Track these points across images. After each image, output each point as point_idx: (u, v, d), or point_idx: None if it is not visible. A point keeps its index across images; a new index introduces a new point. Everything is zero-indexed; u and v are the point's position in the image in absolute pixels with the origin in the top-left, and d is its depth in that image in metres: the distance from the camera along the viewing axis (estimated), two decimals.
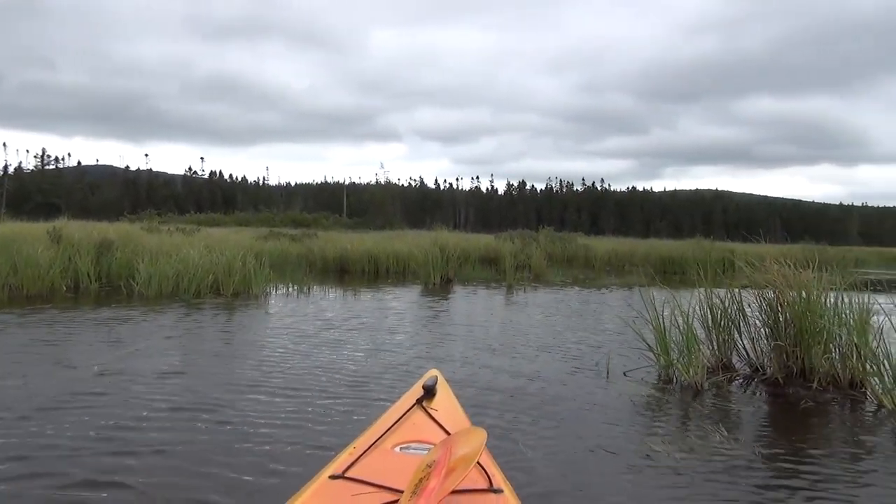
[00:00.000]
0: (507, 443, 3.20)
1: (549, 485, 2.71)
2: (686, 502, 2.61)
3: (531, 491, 2.59)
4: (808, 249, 27.13)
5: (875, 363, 4.25)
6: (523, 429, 3.46)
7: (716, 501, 2.64)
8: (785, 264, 4.70)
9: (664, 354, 4.70)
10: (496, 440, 3.22)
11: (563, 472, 2.86)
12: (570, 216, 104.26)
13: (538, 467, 2.90)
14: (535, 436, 3.35)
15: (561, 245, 22.15)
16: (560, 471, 2.88)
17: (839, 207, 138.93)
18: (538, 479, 2.77)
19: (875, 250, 44.82)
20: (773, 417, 4.05)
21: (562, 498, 2.60)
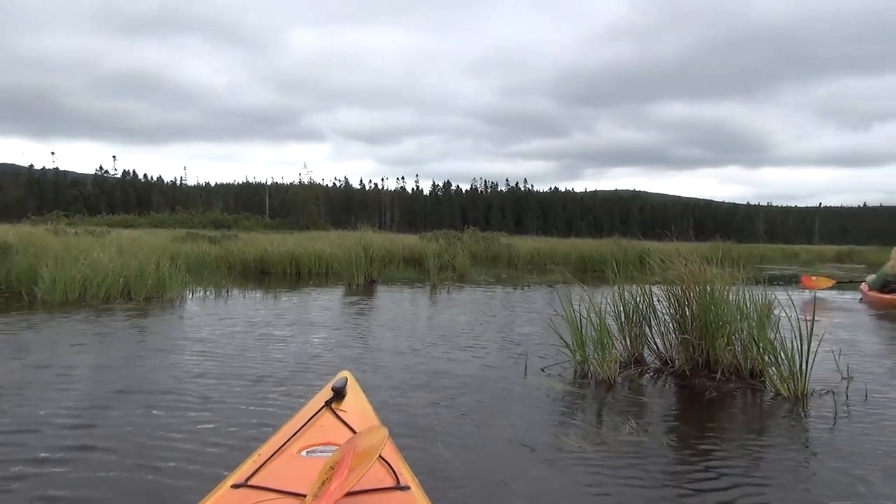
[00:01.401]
0: (423, 440, 3.21)
1: (462, 480, 2.73)
2: (597, 491, 2.69)
3: (444, 487, 2.61)
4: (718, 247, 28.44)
5: (773, 354, 4.49)
6: (439, 426, 3.47)
7: (625, 489, 2.73)
8: (691, 261, 4.90)
9: (580, 350, 4.82)
10: (411, 438, 3.23)
11: (477, 468, 2.89)
12: (495, 216, 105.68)
13: (453, 463, 2.92)
14: (452, 433, 3.37)
15: (485, 245, 22.40)
16: (474, 466, 2.90)
17: (746, 207, 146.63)
18: (452, 475, 2.78)
19: (778, 247, 47.52)
20: (681, 408, 4.22)
21: (474, 492, 2.62)
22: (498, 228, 55.15)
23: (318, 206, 68.74)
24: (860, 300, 11.56)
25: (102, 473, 2.72)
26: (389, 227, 76.86)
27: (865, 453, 3.25)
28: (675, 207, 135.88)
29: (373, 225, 42.15)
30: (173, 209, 68.04)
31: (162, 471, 2.74)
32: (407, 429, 3.40)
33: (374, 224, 50.65)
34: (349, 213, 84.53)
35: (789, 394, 4.29)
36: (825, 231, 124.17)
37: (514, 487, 2.70)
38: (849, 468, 3.04)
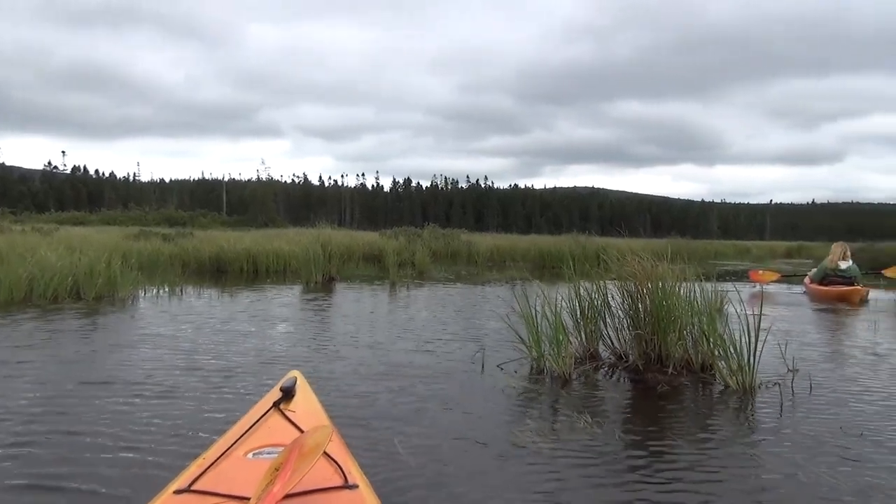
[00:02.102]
0: (376, 438, 3.20)
1: (414, 477, 2.73)
2: (550, 486, 2.71)
3: (395, 484, 2.61)
4: (674, 243, 29.04)
5: (722, 348, 4.59)
6: (394, 424, 3.46)
7: (578, 482, 2.76)
8: (643, 257, 4.98)
9: (536, 347, 4.86)
10: (364, 436, 3.22)
11: (430, 465, 2.89)
12: (456, 213, 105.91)
13: (406, 460, 2.91)
14: (406, 430, 3.36)
15: (445, 242, 22.43)
16: (428, 464, 2.90)
17: (701, 204, 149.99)
18: (405, 472, 2.78)
19: (731, 243, 48.69)
20: (634, 402, 4.29)
21: (427, 490, 2.62)
22: (458, 225, 55.34)
23: (276, 204, 67.87)
24: (804, 293, 12.06)
25: (43, 473, 2.64)
26: (349, 224, 76.35)
27: (809, 442, 3.35)
28: (633, 204, 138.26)
29: (332, 222, 41.76)
30: (126, 206, 66.25)
31: (101, 477, 2.66)
32: (360, 427, 3.39)
33: (333, 221, 50.19)
34: (308, 211, 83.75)
35: (738, 386, 4.40)
36: (776, 227, 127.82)
37: (467, 483, 2.71)
38: (793, 457, 3.13)
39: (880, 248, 26.65)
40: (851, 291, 10.72)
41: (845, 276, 11.29)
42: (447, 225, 45.74)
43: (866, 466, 3.03)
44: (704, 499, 2.65)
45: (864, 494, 2.70)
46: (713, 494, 2.69)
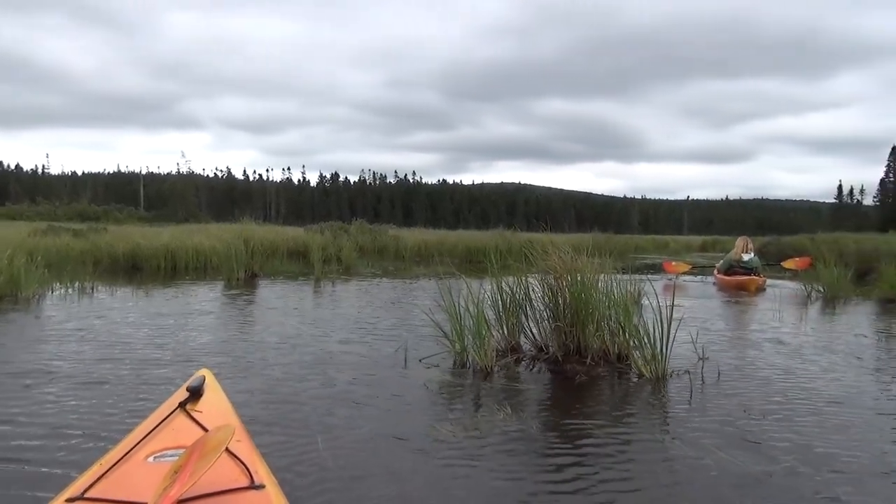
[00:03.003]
0: (293, 436, 3.15)
1: (330, 475, 2.69)
2: (467, 479, 2.73)
3: (309, 483, 2.57)
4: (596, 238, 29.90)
5: (637, 338, 4.75)
6: (311, 421, 3.41)
7: (496, 474, 2.79)
8: (563, 252, 5.08)
9: (458, 340, 4.88)
10: (280, 434, 3.16)
11: (348, 462, 2.85)
12: (384, 208, 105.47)
13: (322, 458, 2.87)
14: (323, 427, 3.31)
15: (372, 237, 22.29)
16: (346, 461, 2.87)
17: (622, 200, 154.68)
18: (323, 470, 2.74)
19: (651, 238, 50.51)
20: (553, 393, 4.38)
21: (341, 487, 2.59)
22: (387, 220, 55.04)
23: (197, 198, 65.67)
24: (714, 283, 12.87)
25: None
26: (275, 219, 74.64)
27: (716, 426, 3.50)
28: (558, 200, 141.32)
29: (257, 218, 40.73)
30: (34, 200, 62.57)
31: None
32: (278, 425, 3.32)
33: (259, 217, 48.99)
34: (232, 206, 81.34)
35: (651, 375, 4.55)
36: (693, 223, 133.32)
37: (384, 480, 2.69)
38: (701, 441, 3.26)
39: (786, 241, 28.24)
40: (748, 281, 11.76)
41: (747, 266, 12.37)
42: (375, 220, 45.44)
43: (767, 447, 3.19)
44: (619, 485, 2.72)
45: (766, 473, 2.84)
46: (628, 480, 2.78)
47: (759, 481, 2.76)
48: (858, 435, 3.42)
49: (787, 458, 3.05)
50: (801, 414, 3.80)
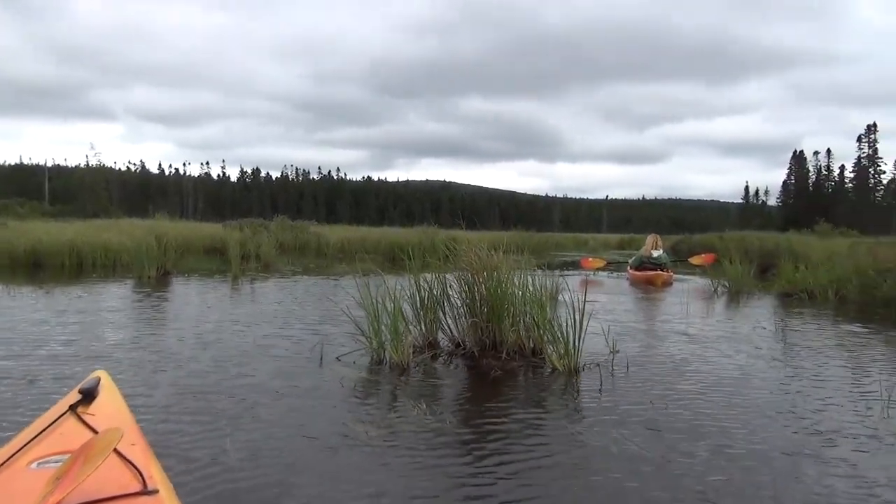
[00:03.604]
0: (199, 439, 3.06)
1: (238, 478, 2.62)
2: (378, 475, 2.71)
3: (215, 486, 2.50)
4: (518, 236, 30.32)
5: (551, 333, 4.86)
6: (220, 423, 3.31)
7: (408, 469, 2.79)
8: (480, 248, 5.14)
9: (375, 337, 4.86)
10: (191, 438, 3.05)
11: (256, 464, 2.79)
12: (307, 204, 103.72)
13: (228, 461, 2.79)
14: (236, 430, 3.22)
15: (293, 233, 21.87)
16: (254, 463, 2.80)
17: (545, 199, 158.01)
18: (228, 473, 2.67)
19: (572, 236, 51.81)
20: (468, 388, 4.42)
21: (247, 489, 2.53)
22: (310, 217, 54.06)
23: (108, 192, 62.47)
24: (627, 278, 13.47)
25: None
26: (193, 215, 72.13)
27: (623, 417, 3.63)
28: (483, 198, 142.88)
29: (174, 213, 39.16)
30: None
31: None
32: (181, 427, 3.21)
33: (175, 212, 47.25)
34: (146, 201, 77.98)
35: (564, 368, 4.67)
36: (612, 221, 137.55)
37: (291, 480, 2.65)
38: (609, 431, 3.37)
39: (697, 239, 29.68)
40: (655, 275, 12.61)
41: (656, 262, 13.30)
42: (298, 217, 44.57)
43: (669, 433, 3.33)
44: (531, 475, 2.78)
45: (666, 460, 2.96)
46: (539, 470, 2.83)
47: (658, 466, 2.88)
48: (753, 420, 3.62)
49: (686, 443, 3.20)
50: (701, 401, 3.98)
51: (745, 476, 2.80)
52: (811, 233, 27.18)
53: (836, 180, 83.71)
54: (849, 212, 64.78)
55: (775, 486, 2.70)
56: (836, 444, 3.28)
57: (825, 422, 3.64)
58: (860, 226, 40.91)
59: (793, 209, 77.76)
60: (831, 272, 10.72)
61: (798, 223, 42.12)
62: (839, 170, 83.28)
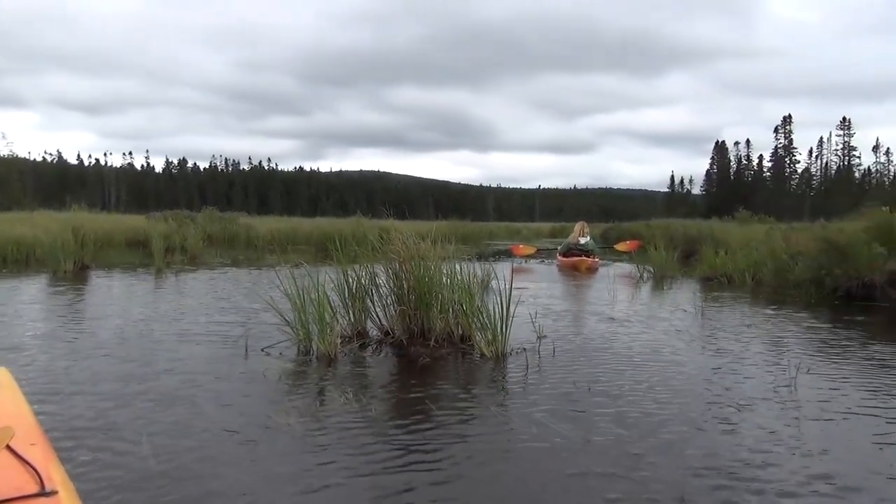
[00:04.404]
0: (117, 438, 2.94)
1: (149, 474, 2.53)
2: (299, 466, 2.67)
3: (128, 483, 2.41)
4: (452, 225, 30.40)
5: (479, 319, 4.89)
6: (140, 421, 3.20)
7: (329, 458, 2.75)
8: (407, 238, 5.12)
9: (302, 328, 4.78)
10: (104, 436, 2.93)
11: (172, 460, 2.70)
12: (237, 195, 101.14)
13: (144, 459, 2.69)
14: (154, 426, 3.12)
15: (222, 225, 21.27)
16: (167, 459, 2.71)
17: (478, 188, 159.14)
18: (140, 469, 2.57)
19: (505, 225, 52.47)
20: (396, 375, 4.41)
21: (160, 486, 2.44)
22: (241, 209, 52.76)
23: (22, 184, 59.33)
24: (557, 265, 13.83)
25: None
26: (115, 207, 69.20)
27: (547, 400, 3.70)
28: (417, 188, 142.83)
29: (94, 205, 37.43)
30: None
31: None
32: (93, 426, 3.08)
33: (96, 204, 45.20)
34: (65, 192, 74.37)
35: (492, 354, 4.72)
36: (544, 210, 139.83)
37: (207, 474, 2.58)
38: (533, 414, 3.43)
39: (625, 227, 30.56)
40: (579, 261, 13.12)
41: (584, 249, 13.81)
42: (228, 208, 43.41)
43: (591, 415, 3.41)
44: (455, 460, 2.79)
45: (586, 441, 3.03)
46: (464, 455, 2.85)
47: (578, 449, 2.94)
48: (672, 397, 3.75)
49: (607, 421, 3.29)
50: (623, 381, 4.10)
51: (663, 449, 2.90)
52: (732, 220, 28.31)
53: (755, 170, 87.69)
54: (766, 199, 67.95)
55: (691, 457, 2.80)
56: (748, 416, 3.44)
57: (739, 397, 3.81)
58: (777, 213, 42.90)
59: (715, 197, 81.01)
60: (748, 257, 11.20)
61: (720, 211, 43.82)
62: (758, 159, 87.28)
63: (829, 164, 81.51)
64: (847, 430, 3.27)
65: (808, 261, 9.19)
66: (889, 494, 2.50)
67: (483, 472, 2.69)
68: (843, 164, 79.73)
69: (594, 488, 2.52)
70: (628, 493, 2.47)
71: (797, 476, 2.64)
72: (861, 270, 8.29)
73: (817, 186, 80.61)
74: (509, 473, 2.69)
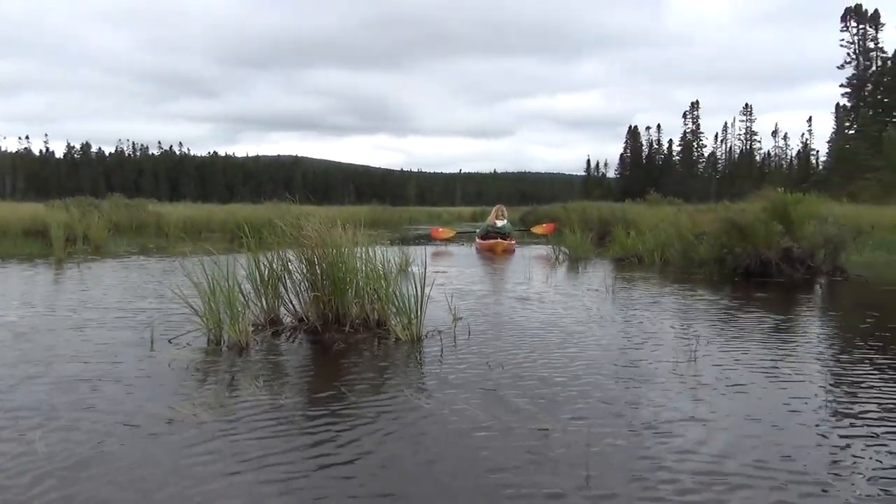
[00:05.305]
0: (7, 437, 2.76)
1: (42, 473, 2.40)
2: (205, 459, 2.58)
3: (18, 484, 2.26)
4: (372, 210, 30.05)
5: (394, 303, 4.88)
6: (35, 417, 3.03)
7: (238, 449, 2.67)
8: (319, 223, 5.03)
9: (212, 317, 4.62)
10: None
11: (65, 457, 2.56)
12: (147, 182, 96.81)
13: (40, 458, 2.55)
14: (50, 422, 2.96)
15: (129, 213, 20.31)
16: (64, 457, 2.57)
17: (399, 173, 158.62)
18: (33, 468, 2.43)
19: (426, 210, 52.58)
20: (310, 362, 4.35)
21: (53, 487, 2.31)
22: (151, 196, 50.54)
23: None
24: (476, 248, 14.09)
25: None
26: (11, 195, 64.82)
27: (461, 380, 3.74)
28: (337, 173, 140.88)
29: None
30: None
31: None
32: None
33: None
34: None
35: (407, 338, 4.72)
36: (465, 194, 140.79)
37: (104, 470, 2.46)
38: (448, 394, 3.46)
39: (543, 210, 31.21)
40: (495, 244, 13.50)
41: (501, 232, 14.20)
42: (137, 195, 41.50)
43: (502, 395, 3.46)
44: (369, 445, 2.77)
45: (497, 418, 3.08)
46: (378, 439, 2.83)
47: (490, 428, 2.98)
48: (581, 374, 3.86)
49: (519, 399, 3.35)
50: (536, 360, 4.20)
51: (570, 425, 2.98)
52: (643, 202, 29.37)
53: (666, 154, 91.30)
54: (676, 182, 71.02)
55: (597, 434, 2.88)
56: (651, 389, 3.59)
57: (644, 372, 3.97)
58: (685, 195, 44.84)
59: (629, 180, 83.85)
60: (657, 237, 11.66)
61: (633, 194, 45.33)
62: (668, 144, 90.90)
63: (734, 149, 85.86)
64: (742, 396, 3.46)
65: (712, 240, 9.65)
66: (766, 456, 2.66)
67: (395, 457, 2.68)
68: (745, 149, 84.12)
69: (504, 467, 2.56)
70: (536, 470, 2.53)
71: (696, 444, 2.77)
72: (759, 248, 8.78)
73: (722, 170, 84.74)
74: (421, 456, 2.69)
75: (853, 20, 59.39)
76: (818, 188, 25.75)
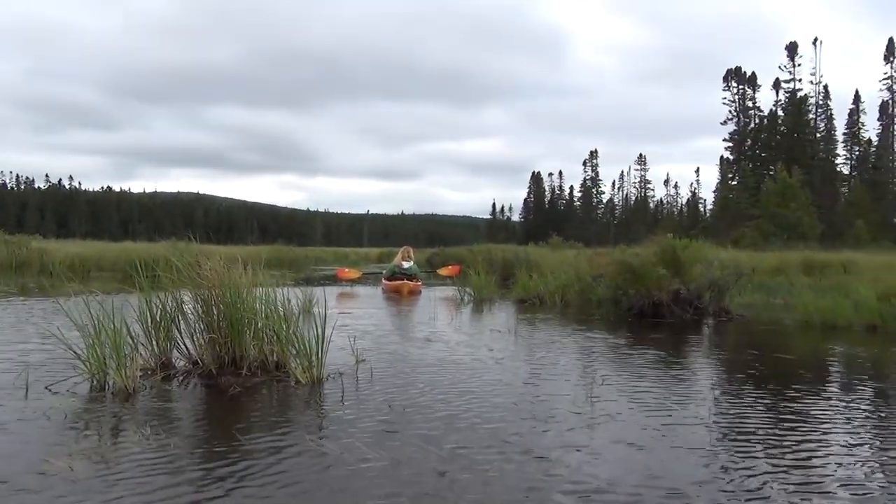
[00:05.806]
0: None
1: None
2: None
3: None
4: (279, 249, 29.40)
5: (294, 345, 4.77)
6: None
7: None
8: (216, 263, 4.88)
9: (96, 361, 4.35)
10: None
11: None
12: (32, 217, 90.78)
13: None
14: None
15: (9, 249, 18.94)
16: None
17: (306, 213, 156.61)
18: None
19: (332, 250, 52.03)
20: (203, 408, 4.16)
21: None
22: (36, 232, 47.35)
23: None
24: (382, 289, 14.02)
25: None
26: None
27: (362, 424, 3.67)
28: (241, 211, 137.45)
29: None
30: None
31: None
32: None
33: None
34: None
35: (308, 380, 4.61)
36: (372, 235, 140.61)
37: None
38: (347, 439, 3.37)
39: (450, 252, 31.58)
40: (401, 285, 13.46)
41: (407, 273, 14.12)
42: (20, 231, 38.78)
43: (403, 437, 3.43)
44: (262, 495, 2.66)
45: (397, 462, 3.04)
46: (274, 487, 2.72)
47: (389, 471, 2.94)
48: (482, 414, 3.90)
49: (419, 444, 3.32)
50: (437, 402, 4.19)
51: (470, 466, 2.99)
52: (546, 245, 30.32)
53: (567, 199, 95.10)
54: (577, 226, 74.00)
55: (496, 474, 2.91)
56: (550, 427, 3.67)
57: (542, 410, 4.05)
58: (585, 239, 46.74)
59: (532, 224, 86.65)
60: (558, 279, 12.03)
61: (536, 237, 46.83)
62: (570, 190, 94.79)
63: (629, 196, 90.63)
64: (632, 429, 3.59)
65: (608, 282, 10.06)
66: (645, 481, 2.77)
67: (291, 499, 2.59)
68: (640, 196, 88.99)
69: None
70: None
71: (592, 480, 2.84)
72: (651, 290, 9.24)
73: (620, 215, 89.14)
74: (319, 501, 2.62)
75: (734, 80, 64.79)
76: (705, 234, 27.53)
